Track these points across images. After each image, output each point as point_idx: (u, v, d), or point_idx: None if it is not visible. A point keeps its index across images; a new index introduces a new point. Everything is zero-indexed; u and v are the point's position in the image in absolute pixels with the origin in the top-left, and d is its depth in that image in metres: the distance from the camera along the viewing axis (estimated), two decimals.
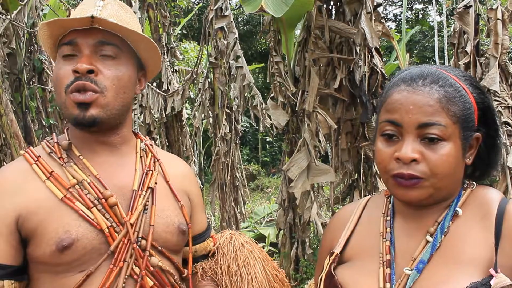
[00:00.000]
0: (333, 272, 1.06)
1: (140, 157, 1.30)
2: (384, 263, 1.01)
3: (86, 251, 1.11)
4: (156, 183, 1.26)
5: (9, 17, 4.41)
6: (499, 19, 3.56)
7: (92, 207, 1.13)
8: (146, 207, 1.21)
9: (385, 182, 1.02)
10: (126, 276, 1.13)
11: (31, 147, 1.24)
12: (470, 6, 3.67)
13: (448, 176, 0.96)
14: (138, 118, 5.26)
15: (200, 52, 5.68)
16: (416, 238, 1.02)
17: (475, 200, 1.03)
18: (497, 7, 3.57)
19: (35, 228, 1.10)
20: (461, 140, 0.97)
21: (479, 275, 0.91)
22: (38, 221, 1.10)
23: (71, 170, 1.18)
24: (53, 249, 1.08)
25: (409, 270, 0.97)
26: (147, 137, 1.42)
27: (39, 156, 1.19)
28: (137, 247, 1.15)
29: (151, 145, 1.37)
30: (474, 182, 1.06)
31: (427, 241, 0.99)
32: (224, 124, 5.55)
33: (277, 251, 5.85)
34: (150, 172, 1.27)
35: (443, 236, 0.99)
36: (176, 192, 1.31)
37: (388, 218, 1.09)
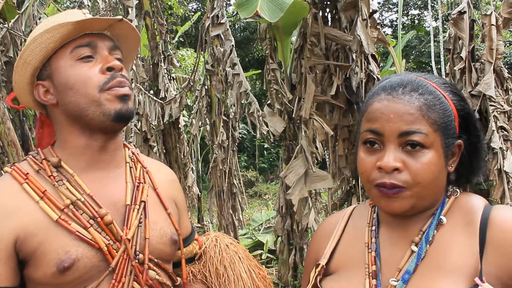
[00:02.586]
0: (318, 284, 1.05)
1: (130, 168, 1.29)
2: (370, 274, 1.00)
3: (87, 270, 1.10)
4: (147, 196, 1.26)
5: (6, 25, 4.42)
6: (493, 24, 3.59)
7: (89, 227, 1.12)
8: (141, 220, 1.20)
9: (368, 192, 1.01)
10: None
11: (16, 164, 1.20)
12: (465, 12, 3.70)
13: (430, 184, 0.96)
14: (135, 125, 5.26)
15: (197, 60, 5.70)
16: (401, 248, 1.01)
17: (460, 207, 1.02)
18: (491, 13, 3.60)
19: (35, 250, 1.08)
20: (443, 147, 0.96)
21: (465, 284, 0.90)
22: (37, 243, 1.08)
23: (63, 189, 1.15)
24: (53, 271, 1.07)
25: (395, 281, 0.96)
26: (131, 144, 1.41)
27: (27, 173, 1.16)
28: (136, 262, 1.15)
29: (137, 153, 1.36)
30: (458, 190, 1.05)
31: (412, 251, 0.98)
32: (221, 131, 5.56)
33: (275, 258, 5.84)
34: (141, 185, 1.27)
35: (428, 245, 0.98)
36: (164, 200, 1.30)
37: (373, 228, 1.08)
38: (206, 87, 5.76)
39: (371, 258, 1.02)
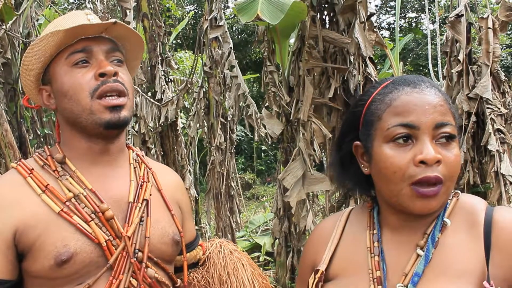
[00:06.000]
0: None
1: (134, 168, 1.30)
2: (375, 280, 0.96)
3: (85, 265, 1.10)
4: (150, 195, 1.27)
5: (4, 27, 4.41)
6: (490, 28, 3.60)
7: (90, 220, 1.13)
8: (142, 219, 1.21)
9: (398, 193, 0.93)
10: None
11: (22, 160, 1.23)
12: (462, 15, 3.71)
13: (456, 179, 0.93)
14: (133, 128, 5.25)
15: (195, 62, 5.70)
16: (405, 252, 0.97)
17: (462, 209, 1.00)
18: (488, 16, 3.61)
19: (33, 243, 1.09)
20: (458, 143, 0.95)
21: None
22: (36, 236, 1.09)
23: (67, 183, 1.17)
24: (51, 264, 1.07)
25: (402, 286, 0.92)
26: (137, 147, 1.42)
27: (32, 169, 1.18)
28: (135, 260, 1.15)
29: (142, 155, 1.38)
30: (458, 191, 1.03)
31: (418, 255, 0.95)
32: (219, 134, 5.56)
33: (272, 260, 5.84)
34: (145, 183, 1.28)
35: (433, 248, 0.95)
36: (168, 201, 1.31)
37: (375, 231, 1.03)
38: (204, 89, 5.76)
39: (374, 263, 0.98)
